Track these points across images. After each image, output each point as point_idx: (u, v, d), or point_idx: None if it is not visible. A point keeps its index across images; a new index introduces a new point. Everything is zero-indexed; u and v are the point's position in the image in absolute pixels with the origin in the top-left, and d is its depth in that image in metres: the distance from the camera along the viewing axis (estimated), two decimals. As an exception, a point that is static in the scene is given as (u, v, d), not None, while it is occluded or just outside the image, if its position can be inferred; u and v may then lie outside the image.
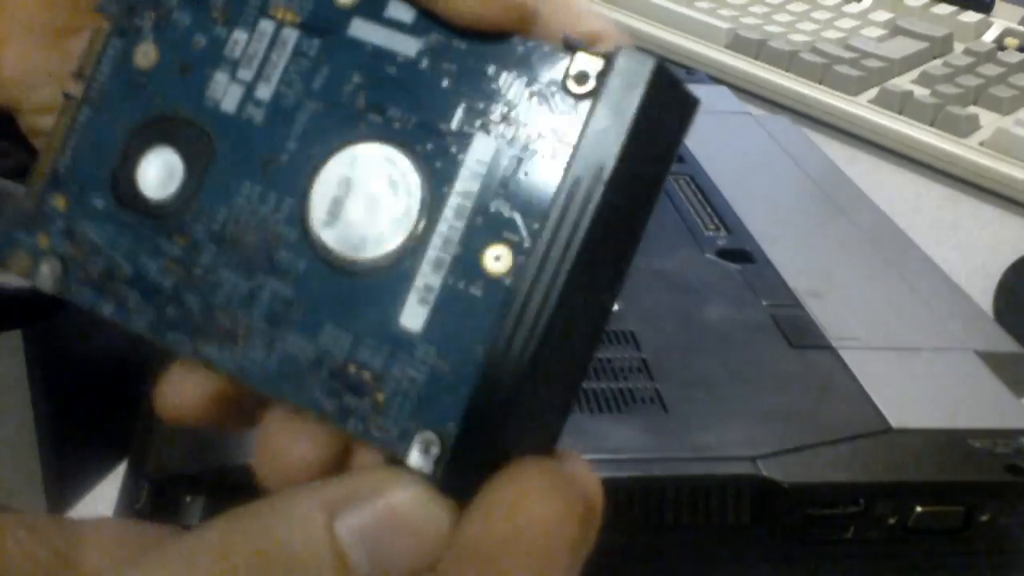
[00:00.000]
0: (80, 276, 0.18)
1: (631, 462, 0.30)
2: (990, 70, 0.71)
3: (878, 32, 0.77)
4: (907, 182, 0.63)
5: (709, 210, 0.46)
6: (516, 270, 0.15)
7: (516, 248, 0.15)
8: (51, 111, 0.20)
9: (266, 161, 0.17)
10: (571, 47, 0.16)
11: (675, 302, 0.38)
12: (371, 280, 0.16)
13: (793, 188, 0.50)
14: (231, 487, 0.27)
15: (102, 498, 0.34)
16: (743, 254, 0.43)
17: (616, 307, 0.37)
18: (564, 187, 0.15)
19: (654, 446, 0.30)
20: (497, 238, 0.16)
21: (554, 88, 0.16)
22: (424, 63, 0.16)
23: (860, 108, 0.67)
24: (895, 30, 0.77)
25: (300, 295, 0.17)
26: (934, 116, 0.65)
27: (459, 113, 0.16)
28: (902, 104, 0.66)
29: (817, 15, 0.79)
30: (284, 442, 0.17)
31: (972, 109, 0.67)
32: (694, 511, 0.30)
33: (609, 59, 0.15)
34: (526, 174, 0.16)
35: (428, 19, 0.17)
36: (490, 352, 0.15)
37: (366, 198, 0.16)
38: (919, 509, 0.31)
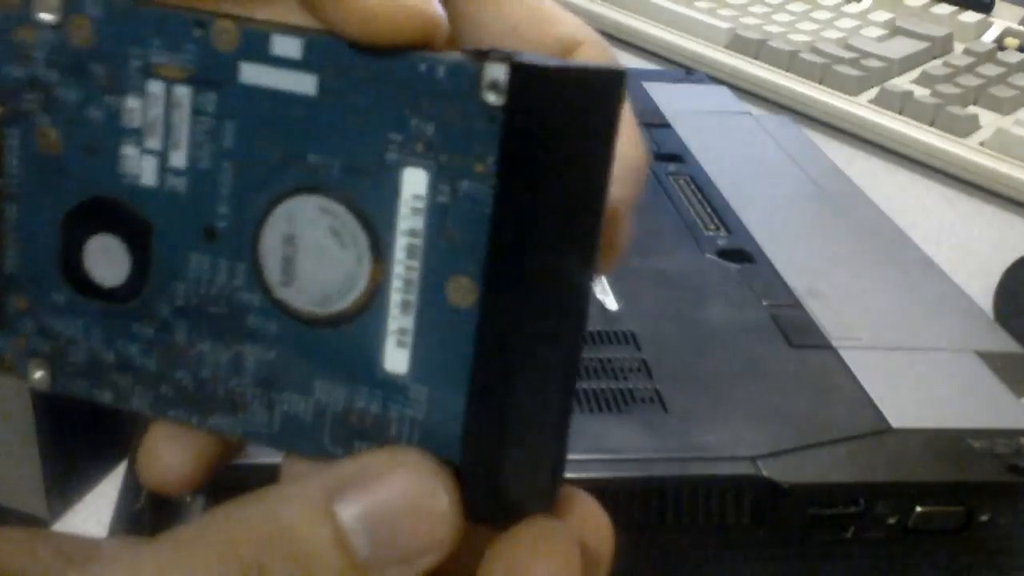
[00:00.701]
0: (68, 370, 0.18)
1: (631, 462, 0.30)
2: (990, 70, 0.71)
3: (878, 32, 0.77)
4: (907, 182, 0.63)
5: (709, 210, 0.46)
6: (479, 297, 0.15)
7: (474, 275, 0.15)
8: None
9: (205, 231, 0.16)
10: (479, 56, 0.15)
11: (675, 302, 0.38)
12: (346, 330, 0.16)
13: (793, 188, 0.50)
14: (231, 487, 0.27)
15: (102, 498, 0.34)
16: (743, 254, 0.43)
17: (616, 307, 0.38)
18: (499, 208, 0.15)
19: (654, 446, 0.30)
20: (454, 270, 0.15)
21: (469, 104, 0.15)
22: (328, 100, 0.15)
23: (860, 108, 0.67)
24: (895, 30, 0.77)
25: (282, 355, 0.16)
26: (934, 116, 0.65)
27: (380, 148, 0.15)
28: (902, 104, 0.66)
29: (817, 15, 0.79)
30: (167, 454, 0.18)
31: (972, 109, 0.67)
32: (694, 511, 0.30)
33: (515, 65, 0.14)
34: (465, 200, 0.15)
35: (320, 49, 0.15)
36: (474, 380, 0.15)
37: (314, 252, 0.16)
38: (919, 509, 0.31)
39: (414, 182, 0.15)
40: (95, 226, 0.17)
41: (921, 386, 0.35)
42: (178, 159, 0.16)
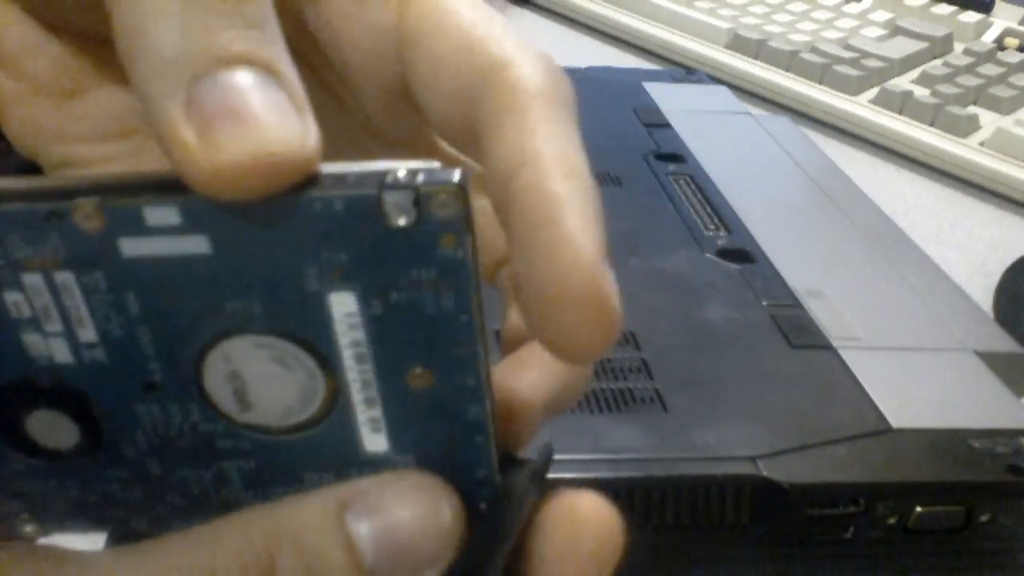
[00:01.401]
0: (56, 516, 0.18)
1: (631, 462, 0.30)
2: (990, 70, 0.71)
3: (878, 32, 0.77)
4: (907, 182, 0.63)
5: (709, 210, 0.46)
6: (437, 378, 0.16)
7: (428, 365, 0.15)
8: (60, 167, 0.20)
9: (143, 385, 0.16)
10: (374, 184, 0.14)
11: (675, 302, 0.38)
12: (319, 429, 0.16)
13: (793, 188, 0.50)
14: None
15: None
16: (743, 254, 0.43)
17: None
18: (436, 298, 0.15)
19: (654, 446, 0.30)
20: (410, 362, 0.15)
21: (377, 230, 0.14)
22: (228, 253, 0.14)
23: (860, 108, 0.67)
24: (895, 30, 0.77)
25: (262, 462, 0.17)
26: (934, 116, 0.65)
27: (298, 283, 0.15)
28: (902, 104, 0.66)
29: (817, 15, 0.79)
30: None
31: (972, 109, 0.67)
32: (694, 511, 0.30)
33: (417, 191, 0.14)
34: (400, 307, 0.15)
35: (200, 210, 0.14)
36: (451, 441, 0.16)
37: (263, 380, 0.16)
38: (919, 509, 0.31)
39: (343, 304, 0.15)
40: (27, 405, 0.16)
41: (921, 386, 0.35)
42: (87, 335, 0.15)
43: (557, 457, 0.29)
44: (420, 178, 0.14)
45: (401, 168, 0.14)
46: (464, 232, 0.14)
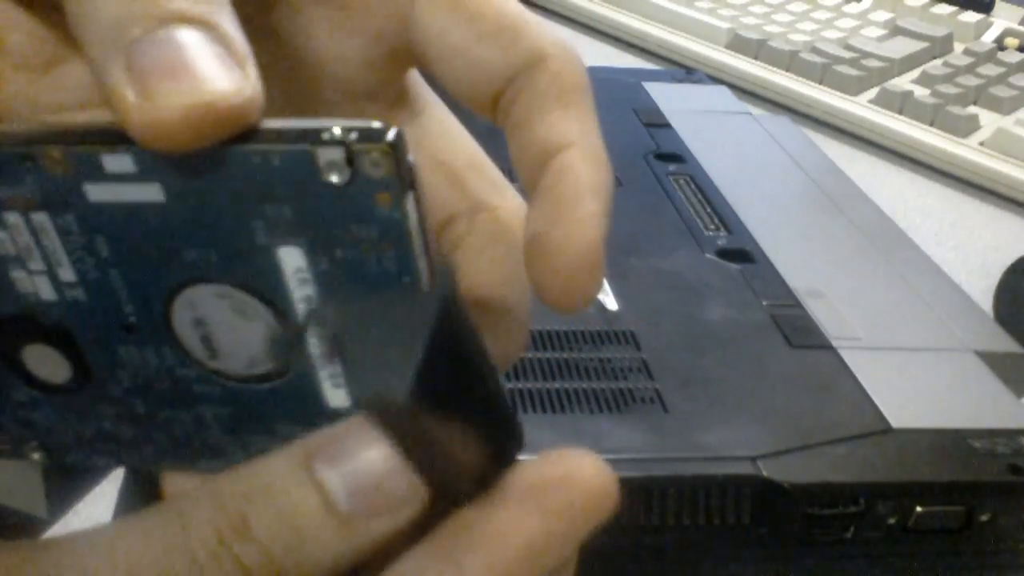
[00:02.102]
0: (60, 447, 0.19)
1: (631, 462, 0.30)
2: (990, 70, 0.71)
3: (878, 32, 0.77)
4: (907, 182, 0.63)
5: (709, 210, 0.46)
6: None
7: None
8: None
9: (121, 326, 0.17)
10: (308, 136, 0.14)
11: (675, 302, 0.38)
12: (286, 379, 0.17)
13: (793, 188, 0.50)
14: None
15: (102, 498, 0.34)
16: (743, 254, 0.43)
17: (616, 307, 0.38)
18: (377, 261, 0.15)
19: (654, 446, 0.30)
20: (360, 316, 0.16)
21: (314, 185, 0.15)
22: (180, 202, 0.15)
23: (860, 108, 0.67)
24: (895, 30, 0.77)
25: (236, 410, 0.18)
26: (934, 116, 0.65)
27: (248, 235, 0.15)
28: (902, 104, 0.66)
29: (817, 15, 0.79)
30: None
31: (972, 109, 0.67)
32: (694, 511, 0.30)
33: (349, 148, 0.14)
34: (346, 263, 0.15)
35: (151, 158, 0.15)
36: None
37: (226, 329, 0.16)
38: (919, 509, 0.31)
39: (291, 259, 0.16)
40: (22, 339, 0.17)
41: (921, 386, 0.35)
42: (66, 274, 0.16)
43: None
44: (353, 135, 0.14)
45: (337, 125, 0.14)
46: (400, 191, 0.15)
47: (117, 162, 0.15)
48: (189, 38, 0.14)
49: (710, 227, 0.45)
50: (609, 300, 0.38)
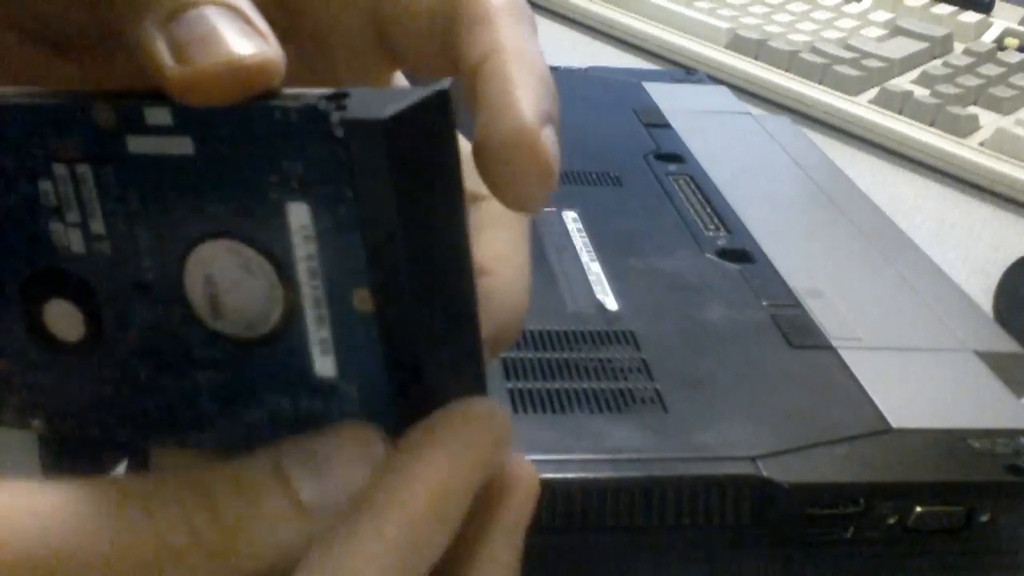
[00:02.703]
0: (58, 415, 0.20)
1: (631, 462, 0.30)
2: (990, 70, 0.71)
3: (878, 32, 0.77)
4: (907, 182, 0.63)
5: (709, 210, 0.46)
6: (376, 303, 0.17)
7: (368, 285, 0.17)
8: None
9: (136, 283, 0.18)
10: (325, 98, 0.16)
11: (675, 302, 0.38)
12: (277, 347, 0.18)
13: (793, 188, 0.50)
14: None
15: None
16: (743, 254, 0.43)
17: (616, 307, 0.38)
18: (366, 226, 0.16)
19: (654, 446, 0.30)
20: (353, 283, 0.17)
21: (325, 141, 0.16)
22: (207, 156, 0.17)
23: (860, 108, 0.67)
24: (895, 30, 0.77)
25: (230, 376, 0.19)
26: (934, 116, 0.65)
27: (262, 190, 0.17)
28: (902, 104, 0.66)
29: (817, 15, 0.79)
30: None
31: (972, 109, 0.67)
32: (694, 511, 0.30)
33: (338, 98, 0.16)
34: (345, 223, 0.16)
35: (187, 113, 0.17)
36: (390, 371, 0.18)
37: (232, 287, 0.18)
38: (919, 509, 0.31)
39: (298, 215, 0.17)
40: (48, 293, 0.19)
41: (921, 386, 0.35)
42: (97, 227, 0.18)
43: (558, 457, 0.30)
44: (354, 107, 0.16)
45: (355, 92, 0.16)
46: (389, 167, 0.16)
47: (157, 115, 0.17)
48: (216, 14, 0.17)
49: (710, 227, 0.45)
50: (609, 300, 0.38)
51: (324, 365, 0.18)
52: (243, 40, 0.17)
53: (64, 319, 0.19)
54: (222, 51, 0.16)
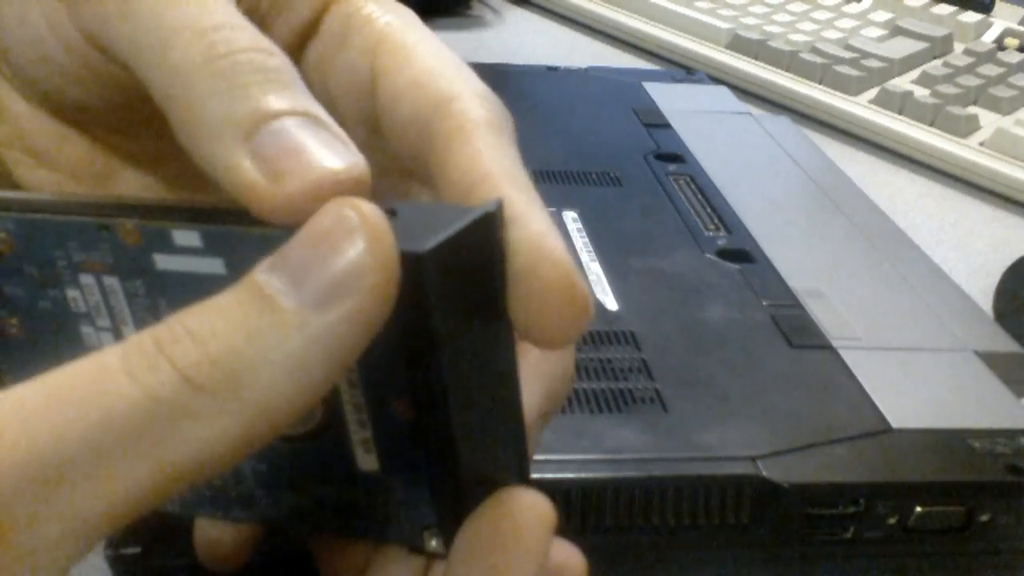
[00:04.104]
0: None
1: (631, 462, 0.30)
2: (990, 70, 0.71)
3: (878, 32, 0.77)
4: (907, 182, 0.63)
5: (709, 210, 0.46)
6: (415, 414, 0.17)
7: (409, 398, 0.17)
8: None
9: None
10: None
11: (675, 302, 0.38)
12: (321, 441, 0.18)
13: (793, 188, 0.50)
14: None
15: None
16: (743, 254, 0.43)
17: (616, 307, 0.38)
18: (407, 343, 0.16)
19: (654, 446, 0.30)
20: (394, 394, 0.17)
21: None
22: (239, 275, 0.16)
23: (860, 108, 0.67)
24: (895, 30, 0.77)
25: (272, 466, 0.19)
26: (934, 116, 0.65)
27: None
28: (902, 104, 0.66)
29: (817, 15, 0.79)
30: (214, 538, 0.21)
31: (972, 109, 0.67)
32: (694, 511, 0.30)
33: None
34: (381, 342, 0.16)
35: (218, 237, 0.16)
36: (427, 468, 0.18)
37: None
38: (919, 509, 0.31)
39: None
40: None
41: (921, 386, 0.35)
42: (128, 332, 0.18)
43: (557, 457, 0.30)
44: (398, 230, 0.15)
45: (402, 210, 0.16)
46: (428, 295, 0.15)
47: (186, 237, 0.17)
48: (300, 125, 0.16)
49: (710, 227, 0.45)
50: (609, 300, 0.38)
51: (366, 461, 0.18)
52: (331, 152, 0.16)
53: None
54: (317, 163, 0.16)
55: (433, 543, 0.19)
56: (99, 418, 0.14)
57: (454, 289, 0.16)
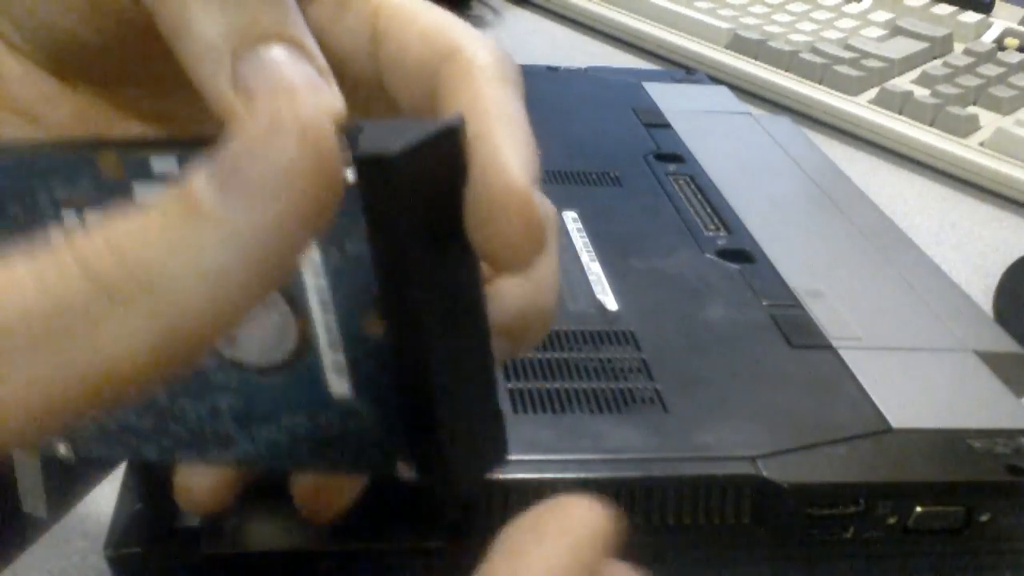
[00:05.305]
0: (84, 442, 0.21)
1: (631, 462, 0.30)
2: (990, 70, 0.71)
3: (878, 32, 0.77)
4: (907, 182, 0.63)
5: (709, 210, 0.46)
6: (385, 328, 0.18)
7: (377, 310, 0.17)
8: None
9: None
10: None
11: (675, 302, 0.38)
12: (294, 370, 0.19)
13: (793, 188, 0.50)
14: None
15: (102, 498, 0.34)
16: (743, 254, 0.43)
17: (616, 307, 0.38)
18: (376, 254, 0.17)
19: (654, 446, 0.30)
20: (363, 309, 0.17)
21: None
22: None
23: (860, 108, 0.67)
24: (895, 30, 0.77)
25: (248, 399, 0.19)
26: (934, 116, 0.65)
27: None
28: (902, 104, 0.66)
29: (817, 15, 0.79)
30: (194, 484, 0.22)
31: (972, 109, 0.67)
32: (694, 511, 0.30)
33: (359, 160, 0.16)
34: (352, 258, 0.17)
35: (193, 160, 0.15)
36: (398, 390, 0.18)
37: (247, 320, 0.18)
38: (919, 509, 0.31)
39: (308, 251, 0.17)
40: None
41: (921, 386, 0.35)
42: None
43: (558, 457, 0.30)
44: (366, 141, 0.16)
45: (368, 126, 0.16)
46: (397, 201, 0.16)
47: (163, 163, 0.17)
48: (285, 57, 0.17)
49: (710, 227, 0.45)
50: (609, 300, 0.38)
51: (339, 385, 0.18)
52: (315, 91, 0.17)
53: None
54: (298, 106, 0.14)
55: (405, 469, 0.19)
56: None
57: (421, 198, 0.16)
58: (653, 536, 0.30)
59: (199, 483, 0.22)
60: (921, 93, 0.67)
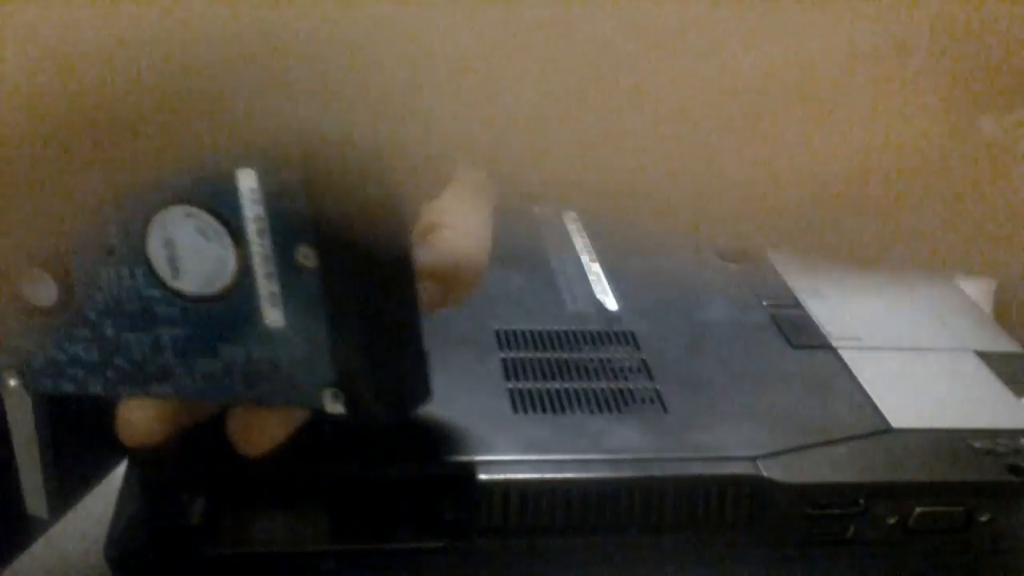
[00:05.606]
0: (34, 374, 0.22)
1: (631, 462, 0.30)
2: (990, 70, 0.70)
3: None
4: (907, 182, 0.63)
5: (709, 210, 0.46)
6: (318, 258, 0.19)
7: (311, 242, 0.19)
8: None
9: (107, 249, 0.20)
10: None
11: (675, 302, 0.38)
12: (232, 301, 0.20)
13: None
14: (229, 484, 0.27)
15: (102, 498, 0.34)
16: (743, 254, 0.43)
17: (616, 307, 0.38)
18: (309, 188, 0.18)
19: (654, 446, 0.30)
20: (299, 241, 0.19)
21: None
22: None
23: (860, 108, 0.67)
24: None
25: (189, 331, 0.20)
26: (934, 116, 0.64)
27: (216, 160, 0.18)
28: (902, 104, 0.66)
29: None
30: (136, 418, 0.23)
31: (972, 109, 0.67)
32: (694, 511, 0.30)
33: None
34: (288, 185, 0.18)
35: None
36: (328, 323, 0.19)
37: (189, 248, 0.20)
38: (919, 509, 0.31)
39: (247, 179, 0.19)
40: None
41: (921, 386, 0.35)
42: None
43: (558, 457, 0.30)
44: None
45: None
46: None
47: None
48: None
49: (710, 227, 0.45)
50: (609, 300, 0.38)
51: (273, 316, 0.20)
52: None
53: (39, 287, 0.21)
54: None
55: (333, 402, 0.20)
56: None
57: None
58: (653, 536, 0.30)
59: (139, 416, 0.23)
60: (921, 93, 0.67)
